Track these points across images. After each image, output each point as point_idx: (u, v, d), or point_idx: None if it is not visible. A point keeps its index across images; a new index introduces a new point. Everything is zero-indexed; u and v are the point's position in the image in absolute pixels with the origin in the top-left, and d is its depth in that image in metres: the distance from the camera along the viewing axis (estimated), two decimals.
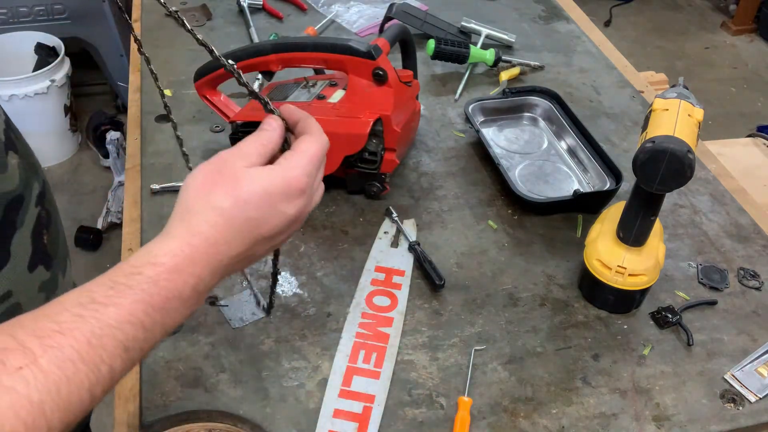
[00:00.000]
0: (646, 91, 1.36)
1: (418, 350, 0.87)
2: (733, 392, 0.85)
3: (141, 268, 0.51)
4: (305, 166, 0.59)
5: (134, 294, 0.50)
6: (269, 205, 0.56)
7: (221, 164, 0.58)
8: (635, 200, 0.85)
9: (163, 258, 0.52)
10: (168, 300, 0.51)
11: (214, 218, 0.54)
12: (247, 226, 0.56)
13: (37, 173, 0.73)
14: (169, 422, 0.78)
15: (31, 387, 0.44)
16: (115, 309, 0.49)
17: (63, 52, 2.47)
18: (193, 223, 0.54)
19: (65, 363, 0.46)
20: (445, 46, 1.32)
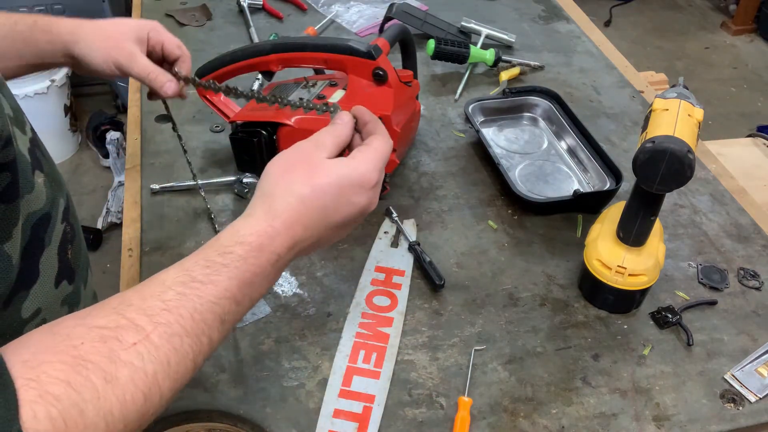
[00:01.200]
0: (646, 91, 1.36)
1: (418, 350, 0.87)
2: (733, 392, 0.85)
3: (231, 248, 0.56)
4: (377, 162, 0.63)
5: (228, 271, 0.55)
6: (343, 196, 0.61)
7: (300, 153, 0.62)
8: (635, 200, 0.85)
9: (249, 237, 0.57)
10: (255, 275, 0.56)
11: (294, 203, 0.59)
12: (323, 213, 0.60)
13: (62, 189, 0.73)
14: (169, 422, 0.78)
15: (146, 360, 0.49)
16: (213, 286, 0.54)
17: None
18: (274, 206, 0.59)
19: (173, 337, 0.51)
20: (445, 46, 1.32)
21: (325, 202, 0.60)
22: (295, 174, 0.61)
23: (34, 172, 0.66)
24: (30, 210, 0.64)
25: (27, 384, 0.45)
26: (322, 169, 0.61)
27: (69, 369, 0.47)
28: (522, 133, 1.24)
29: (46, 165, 0.70)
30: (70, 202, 0.76)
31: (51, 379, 0.46)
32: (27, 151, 0.66)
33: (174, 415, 0.79)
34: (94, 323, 0.50)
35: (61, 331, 0.49)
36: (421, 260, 0.97)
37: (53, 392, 0.45)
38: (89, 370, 0.47)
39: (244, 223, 0.59)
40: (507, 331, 0.91)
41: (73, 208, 0.77)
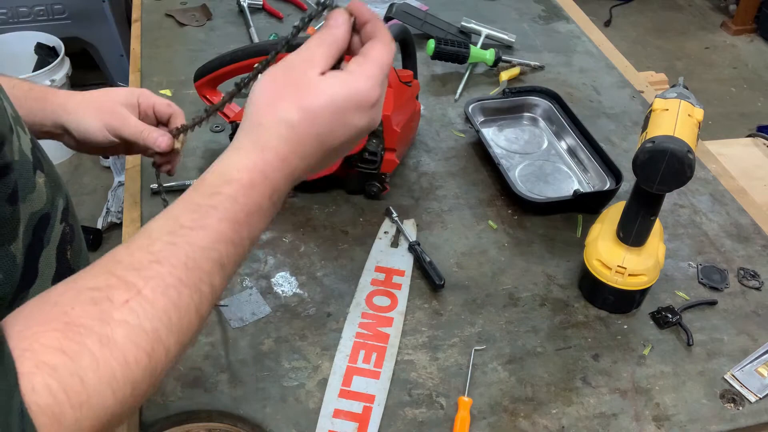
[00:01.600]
0: (646, 91, 1.36)
1: (418, 350, 0.87)
2: (733, 392, 0.85)
3: (219, 188, 0.52)
4: (377, 76, 0.56)
5: (218, 213, 0.51)
6: (339, 119, 0.55)
7: (289, 72, 0.55)
8: (635, 200, 0.85)
9: (237, 174, 0.53)
10: (250, 214, 0.53)
11: (284, 132, 0.54)
12: (318, 139, 0.55)
13: (61, 189, 0.73)
14: (169, 422, 0.78)
15: (142, 317, 0.47)
16: (203, 231, 0.51)
17: (63, 52, 2.47)
18: (263, 138, 0.54)
19: (168, 290, 0.48)
20: (445, 46, 1.32)
21: (319, 128, 0.54)
22: (284, 98, 0.54)
23: (35, 172, 0.66)
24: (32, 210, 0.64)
25: (22, 354, 0.43)
26: (314, 89, 0.54)
27: (62, 336, 0.45)
28: (522, 133, 1.24)
29: (45, 165, 0.71)
30: (70, 203, 0.76)
31: (45, 348, 0.44)
32: (29, 151, 0.66)
33: (174, 415, 0.79)
34: (84, 285, 0.48)
35: (51, 298, 0.47)
36: (421, 260, 0.97)
37: (49, 362, 0.43)
38: (83, 335, 0.45)
39: (231, 158, 0.54)
40: (507, 331, 0.91)
41: (72, 209, 0.77)
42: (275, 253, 0.98)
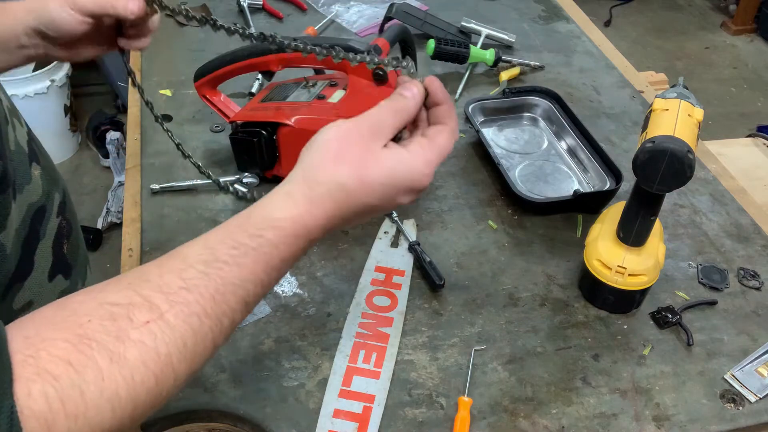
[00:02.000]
0: (646, 91, 1.36)
1: (418, 350, 0.87)
2: (733, 392, 0.85)
3: (263, 231, 0.53)
4: (435, 164, 0.58)
5: (257, 255, 0.52)
6: (390, 195, 0.57)
7: (355, 136, 0.57)
8: (635, 200, 0.85)
9: (284, 223, 0.54)
10: (284, 261, 0.54)
11: (338, 195, 0.55)
12: (365, 208, 0.57)
13: (58, 184, 0.73)
14: (169, 422, 0.78)
15: (159, 340, 0.47)
16: (238, 268, 0.51)
17: None
18: (316, 194, 0.55)
19: (191, 317, 0.49)
20: (445, 46, 1.32)
21: (370, 198, 0.57)
22: (346, 162, 0.56)
23: (31, 164, 0.66)
24: (29, 201, 0.64)
25: (25, 360, 0.42)
26: (376, 161, 0.56)
27: (72, 348, 0.44)
28: (522, 133, 1.24)
29: (42, 158, 0.70)
30: (67, 198, 0.76)
31: (51, 357, 0.43)
32: (26, 143, 0.66)
33: (174, 415, 0.79)
34: (105, 299, 0.48)
35: (69, 305, 0.47)
36: (421, 260, 0.97)
37: (52, 371, 0.43)
38: (94, 349, 0.44)
39: (280, 203, 0.55)
40: (507, 331, 0.91)
41: (70, 204, 0.77)
42: None
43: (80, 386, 0.43)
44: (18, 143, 0.64)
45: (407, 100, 0.59)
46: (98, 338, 0.45)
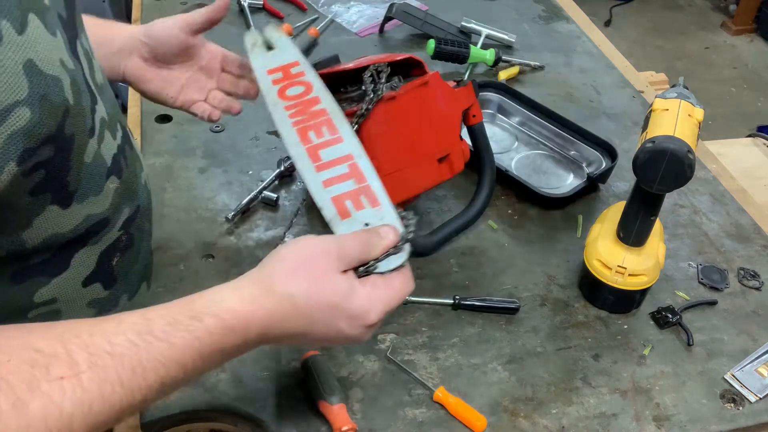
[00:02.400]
0: (646, 91, 1.36)
1: (418, 350, 0.87)
2: (733, 392, 0.85)
3: (203, 316, 0.54)
4: (387, 307, 0.61)
5: (190, 339, 0.53)
6: (334, 320, 0.59)
7: (319, 254, 0.60)
8: (635, 200, 0.85)
9: (226, 314, 0.55)
10: (214, 352, 0.54)
11: (285, 304, 0.57)
12: (308, 324, 0.59)
13: (134, 198, 0.73)
14: (169, 422, 0.78)
15: (66, 398, 0.46)
16: (167, 347, 0.52)
17: None
18: (264, 297, 0.57)
19: (105, 384, 0.48)
20: (445, 46, 1.32)
21: (314, 317, 0.59)
22: (303, 277, 0.58)
23: (108, 177, 0.66)
24: (91, 212, 0.64)
25: None
26: (329, 283, 0.59)
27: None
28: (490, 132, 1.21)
29: (126, 173, 0.71)
30: (141, 213, 0.75)
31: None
32: (111, 157, 0.66)
33: (174, 415, 0.79)
34: (32, 343, 0.48)
35: (1, 337, 0.48)
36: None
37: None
38: (9, 390, 0.45)
39: (227, 294, 0.57)
40: (507, 331, 0.91)
41: (142, 220, 0.76)
42: None
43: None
44: (100, 156, 0.64)
45: (381, 240, 0.62)
46: (10, 381, 0.45)
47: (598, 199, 1.12)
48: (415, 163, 0.92)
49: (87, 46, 0.67)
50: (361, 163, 0.75)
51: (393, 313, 0.89)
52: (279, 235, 1.01)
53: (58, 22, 0.58)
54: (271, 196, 1.05)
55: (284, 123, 0.79)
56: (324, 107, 0.80)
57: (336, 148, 0.76)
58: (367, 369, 0.85)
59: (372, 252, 0.62)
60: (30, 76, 0.51)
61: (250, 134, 1.17)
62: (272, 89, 0.83)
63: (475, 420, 0.79)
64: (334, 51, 1.04)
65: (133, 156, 0.75)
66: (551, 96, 1.32)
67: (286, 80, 0.83)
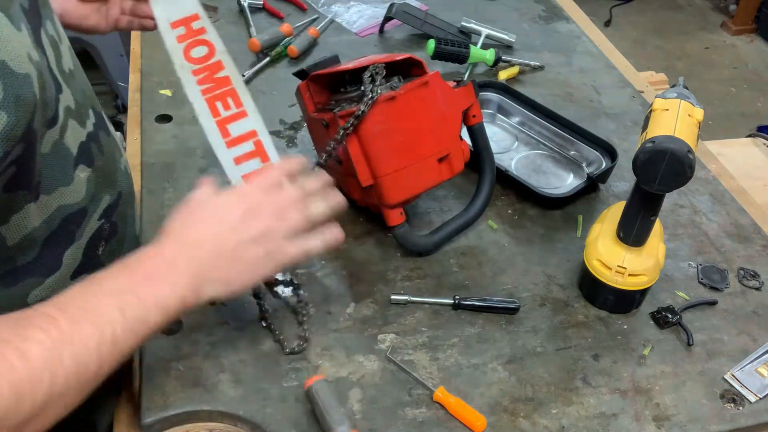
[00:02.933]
0: (646, 91, 1.36)
1: (418, 350, 0.87)
2: (733, 392, 0.85)
3: (128, 257, 0.63)
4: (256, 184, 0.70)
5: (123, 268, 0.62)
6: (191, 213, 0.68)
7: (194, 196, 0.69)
8: (635, 200, 0.85)
9: (142, 252, 0.64)
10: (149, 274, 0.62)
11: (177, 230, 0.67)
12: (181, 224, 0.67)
13: (113, 186, 0.73)
14: (169, 422, 0.78)
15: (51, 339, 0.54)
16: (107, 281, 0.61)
17: None
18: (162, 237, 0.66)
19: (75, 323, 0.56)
20: (445, 46, 1.32)
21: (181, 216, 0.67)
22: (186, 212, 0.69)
23: (77, 167, 0.66)
24: (63, 203, 0.64)
25: None
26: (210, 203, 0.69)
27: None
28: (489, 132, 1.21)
29: (99, 160, 0.70)
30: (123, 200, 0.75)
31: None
32: (78, 145, 0.66)
33: (174, 415, 0.79)
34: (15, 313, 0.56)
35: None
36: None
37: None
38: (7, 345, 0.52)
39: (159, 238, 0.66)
40: (507, 331, 0.91)
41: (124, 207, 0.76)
42: None
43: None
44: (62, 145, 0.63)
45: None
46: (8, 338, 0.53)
47: (598, 199, 1.12)
48: (415, 163, 0.92)
49: (53, 32, 0.66)
50: (265, 141, 0.80)
51: (393, 312, 0.90)
52: None
53: (22, 15, 0.57)
54: None
55: (194, 91, 0.80)
56: (227, 74, 0.81)
57: (242, 123, 0.79)
58: (367, 369, 0.85)
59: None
60: (3, 77, 0.50)
61: None
62: (178, 48, 0.82)
63: (475, 420, 0.79)
64: (334, 51, 1.05)
65: (110, 142, 0.74)
66: (551, 96, 1.32)
67: (189, 37, 0.82)
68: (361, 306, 0.92)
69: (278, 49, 1.34)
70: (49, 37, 0.64)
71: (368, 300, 0.93)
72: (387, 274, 0.97)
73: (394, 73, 0.95)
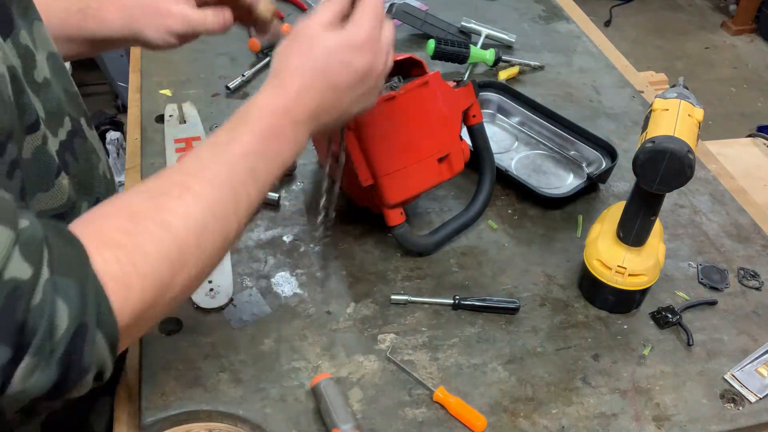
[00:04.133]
0: (646, 91, 1.36)
1: (418, 350, 0.87)
2: (733, 392, 0.86)
3: (247, 115, 0.65)
4: (368, 21, 0.68)
5: (247, 130, 0.63)
6: (336, 59, 0.67)
7: (299, 30, 0.69)
8: (635, 200, 0.85)
9: (261, 104, 0.65)
10: (274, 134, 0.64)
11: (295, 73, 0.67)
12: (324, 77, 0.67)
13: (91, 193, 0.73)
14: (169, 422, 0.78)
15: (192, 208, 0.58)
16: (236, 144, 0.62)
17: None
18: (278, 80, 0.67)
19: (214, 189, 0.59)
20: (445, 46, 1.32)
21: (316, 65, 0.67)
22: (295, 50, 0.68)
23: (58, 174, 0.66)
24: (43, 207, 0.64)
25: (90, 236, 0.52)
26: (318, 40, 0.67)
27: (124, 221, 0.55)
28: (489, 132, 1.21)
29: (74, 167, 0.70)
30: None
31: (110, 230, 0.54)
32: (55, 153, 0.66)
33: (174, 415, 0.79)
34: (142, 189, 0.59)
35: (112, 201, 0.58)
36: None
37: (115, 239, 0.53)
38: (143, 219, 0.55)
39: (256, 97, 0.66)
40: (507, 331, 0.91)
41: None
42: (275, 253, 0.98)
43: (142, 248, 0.53)
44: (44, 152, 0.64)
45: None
46: (144, 212, 0.56)
47: (598, 199, 1.12)
48: (415, 163, 0.92)
49: (28, 41, 0.66)
50: None
51: (393, 312, 0.90)
52: (279, 235, 1.01)
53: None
54: (273, 196, 1.05)
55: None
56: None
57: None
58: (367, 369, 0.85)
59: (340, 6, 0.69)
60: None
61: None
62: (173, 155, 1.10)
63: (475, 420, 0.79)
64: None
65: (86, 148, 0.74)
66: (551, 96, 1.32)
67: (186, 149, 1.07)
68: (361, 306, 0.92)
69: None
70: (22, 46, 0.64)
71: (368, 300, 0.93)
72: (387, 274, 0.97)
73: (394, 73, 0.95)
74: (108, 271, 0.51)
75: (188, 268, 0.57)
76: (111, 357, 0.53)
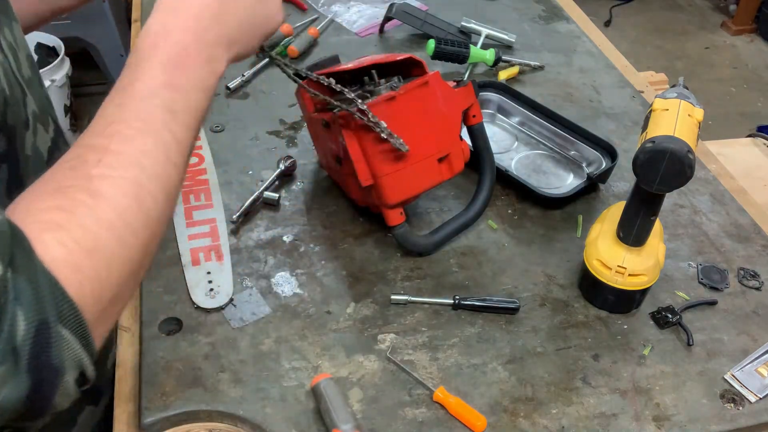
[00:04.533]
0: (646, 91, 1.36)
1: (418, 350, 0.87)
2: (733, 392, 0.85)
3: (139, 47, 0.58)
4: None
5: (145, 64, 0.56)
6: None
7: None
8: (635, 200, 0.85)
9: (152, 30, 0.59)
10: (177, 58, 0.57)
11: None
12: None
13: None
14: (169, 422, 0.78)
15: (117, 168, 0.52)
16: (140, 83, 0.55)
17: (63, 52, 2.47)
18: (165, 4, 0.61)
19: (132, 140, 0.53)
20: (445, 46, 1.32)
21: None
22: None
23: None
24: None
25: (24, 221, 0.47)
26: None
27: (54, 197, 0.49)
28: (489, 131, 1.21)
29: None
30: None
31: (43, 211, 0.48)
32: (46, 150, 0.66)
33: (174, 415, 0.79)
34: (60, 163, 0.53)
35: (36, 182, 0.52)
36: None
37: (51, 220, 0.48)
38: (72, 191, 0.49)
39: (149, 25, 0.60)
40: (507, 331, 0.91)
41: None
42: (275, 253, 0.98)
43: (80, 223, 0.48)
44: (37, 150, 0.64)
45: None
46: (70, 184, 0.50)
47: (598, 199, 1.12)
48: (414, 163, 0.92)
49: (11, 39, 0.66)
50: (220, 227, 0.99)
51: (393, 312, 0.90)
52: (279, 235, 1.01)
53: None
54: (273, 196, 1.05)
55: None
56: (207, 178, 1.05)
57: (206, 211, 1.01)
58: (367, 369, 0.85)
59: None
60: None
61: (250, 134, 1.17)
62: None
63: (475, 420, 0.79)
64: (334, 51, 1.05)
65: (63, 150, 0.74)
66: (551, 96, 1.32)
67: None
68: (361, 306, 0.92)
69: (278, 49, 1.34)
70: (6, 43, 0.64)
71: (368, 300, 0.93)
72: (387, 274, 0.97)
73: (394, 73, 0.95)
74: (54, 257, 0.46)
75: (136, 231, 0.52)
76: (86, 351, 0.48)
